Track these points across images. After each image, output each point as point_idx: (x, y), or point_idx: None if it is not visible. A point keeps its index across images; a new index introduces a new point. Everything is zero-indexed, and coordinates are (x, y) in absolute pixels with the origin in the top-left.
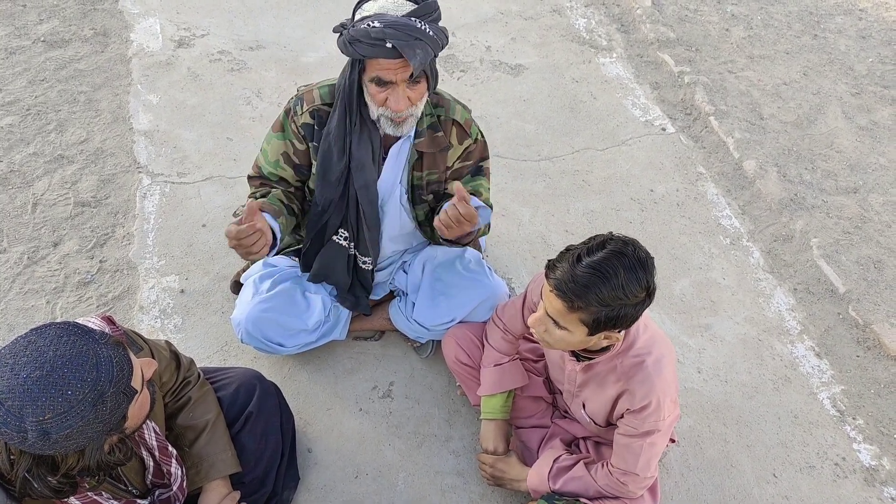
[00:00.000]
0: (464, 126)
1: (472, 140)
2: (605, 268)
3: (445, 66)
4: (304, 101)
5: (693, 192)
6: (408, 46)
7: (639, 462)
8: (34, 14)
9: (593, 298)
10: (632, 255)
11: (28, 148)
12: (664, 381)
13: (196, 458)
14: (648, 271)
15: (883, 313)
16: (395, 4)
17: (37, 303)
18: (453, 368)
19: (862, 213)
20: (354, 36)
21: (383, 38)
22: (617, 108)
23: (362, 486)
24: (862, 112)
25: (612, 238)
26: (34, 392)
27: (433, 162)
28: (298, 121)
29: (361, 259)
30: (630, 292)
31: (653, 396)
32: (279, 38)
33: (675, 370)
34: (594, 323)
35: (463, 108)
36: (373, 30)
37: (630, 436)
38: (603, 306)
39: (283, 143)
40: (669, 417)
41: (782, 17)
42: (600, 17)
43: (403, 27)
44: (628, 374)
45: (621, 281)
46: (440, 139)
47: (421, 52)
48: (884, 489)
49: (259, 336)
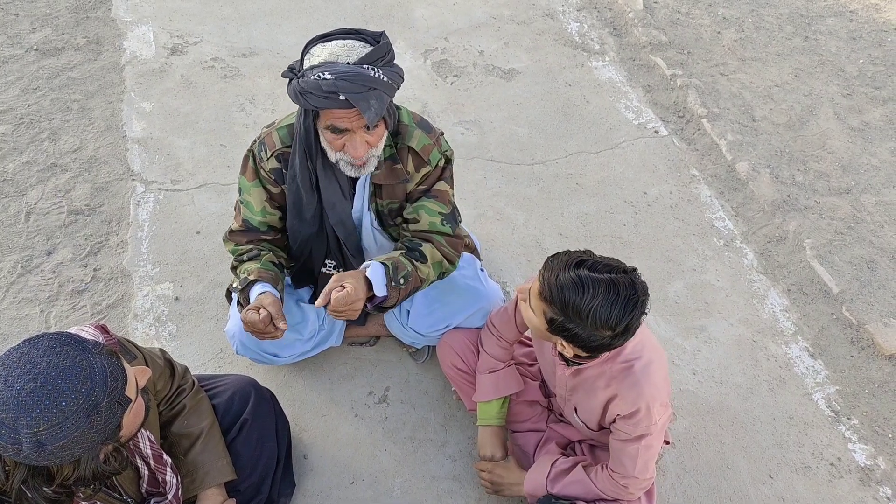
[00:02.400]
0: (420, 154)
1: (430, 167)
2: (588, 285)
3: (439, 71)
4: (266, 145)
5: (686, 194)
6: (361, 99)
7: (636, 465)
8: (27, 23)
9: (558, 299)
10: (623, 295)
11: (21, 157)
12: (653, 385)
13: (191, 466)
14: (626, 315)
15: (876, 313)
16: (346, 48)
17: (30, 312)
18: (449, 374)
19: (854, 213)
20: (305, 87)
21: (335, 90)
22: (610, 111)
23: (358, 491)
24: (853, 113)
25: (625, 271)
26: (28, 404)
27: (392, 192)
28: (266, 166)
29: None
30: (594, 320)
31: (641, 402)
32: (272, 44)
33: (665, 374)
34: (551, 322)
35: (423, 134)
36: (324, 82)
37: (624, 440)
38: (563, 314)
39: (261, 191)
40: (661, 419)
41: (773, 19)
42: (592, 21)
43: (355, 77)
44: (617, 379)
45: (593, 305)
46: (398, 171)
47: (375, 103)
48: (879, 489)
49: (254, 347)
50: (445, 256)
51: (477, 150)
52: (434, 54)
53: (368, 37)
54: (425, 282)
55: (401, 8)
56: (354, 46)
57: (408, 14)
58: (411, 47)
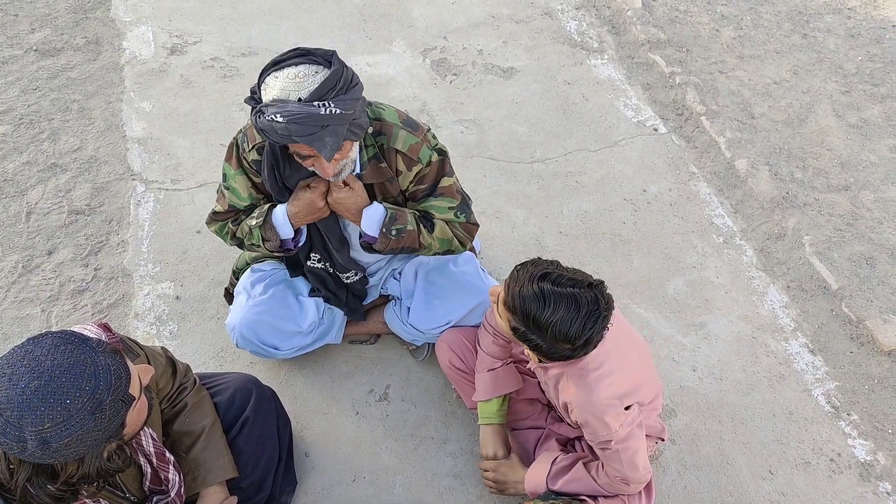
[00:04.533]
0: (408, 154)
1: (422, 164)
2: (550, 299)
3: (438, 69)
4: (248, 138)
5: (686, 191)
6: (315, 139)
7: (623, 465)
8: (26, 23)
9: (520, 310)
10: (584, 310)
11: (21, 157)
12: (600, 399)
13: (193, 463)
14: (586, 331)
15: (876, 309)
16: (297, 81)
17: (32, 311)
18: (448, 373)
19: (853, 210)
20: (261, 127)
21: (288, 134)
22: (609, 109)
23: (360, 489)
24: (852, 110)
25: (590, 285)
26: (33, 402)
27: (384, 189)
28: (248, 157)
29: (343, 276)
30: (553, 333)
31: (589, 415)
32: (271, 44)
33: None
34: (514, 330)
35: (409, 133)
36: (277, 125)
37: (597, 446)
38: (524, 325)
39: (245, 178)
40: (623, 425)
41: (772, 16)
42: (591, 20)
43: (307, 119)
44: (571, 385)
45: (553, 319)
46: (384, 170)
47: (330, 139)
48: (879, 484)
49: (254, 339)
50: (457, 237)
51: (476, 149)
52: (433, 53)
53: (320, 58)
54: (426, 249)
55: (399, 6)
56: (305, 77)
57: (406, 13)
58: (410, 46)
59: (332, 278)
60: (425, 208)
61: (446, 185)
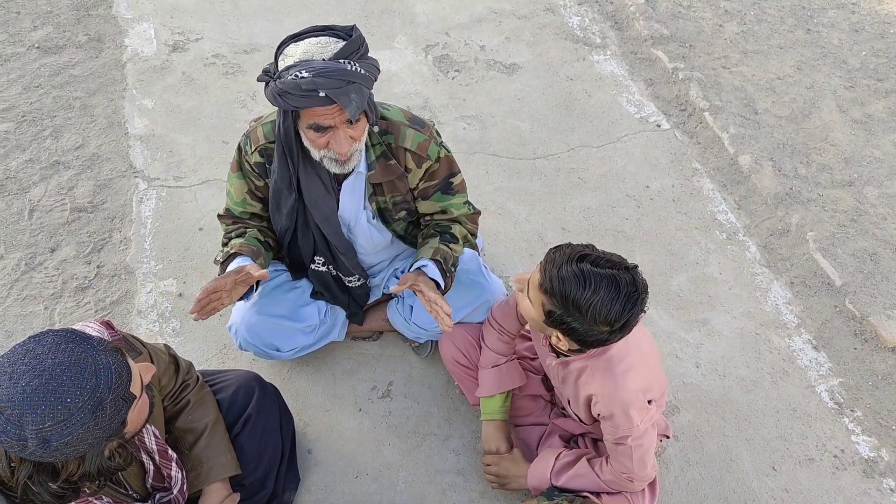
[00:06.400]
0: (417, 151)
1: (432, 160)
2: (590, 279)
3: (440, 66)
4: (251, 140)
5: (689, 187)
6: (342, 93)
7: (633, 463)
8: (28, 21)
9: (559, 292)
10: (624, 291)
11: (24, 154)
12: (628, 391)
13: (195, 460)
14: (626, 312)
15: (880, 305)
16: (319, 46)
17: (35, 309)
18: (452, 370)
19: (857, 205)
20: (283, 88)
21: (315, 88)
22: (612, 105)
23: (363, 486)
24: (856, 105)
25: (627, 268)
26: (34, 400)
27: (393, 187)
28: (250, 160)
29: (346, 279)
30: (593, 315)
31: (615, 407)
32: (273, 40)
33: (649, 381)
34: (549, 314)
35: (417, 131)
36: (302, 81)
37: (613, 441)
38: (562, 307)
39: (243, 182)
40: (644, 420)
41: (775, 11)
42: (594, 15)
43: (334, 73)
44: (597, 377)
45: (594, 300)
46: (393, 167)
47: (356, 96)
48: (882, 480)
49: (255, 341)
50: (469, 231)
51: (479, 145)
52: (435, 49)
53: (340, 31)
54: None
55: (401, 2)
56: (328, 43)
57: (408, 9)
58: (412, 42)
59: (336, 281)
60: (445, 207)
61: (458, 181)
